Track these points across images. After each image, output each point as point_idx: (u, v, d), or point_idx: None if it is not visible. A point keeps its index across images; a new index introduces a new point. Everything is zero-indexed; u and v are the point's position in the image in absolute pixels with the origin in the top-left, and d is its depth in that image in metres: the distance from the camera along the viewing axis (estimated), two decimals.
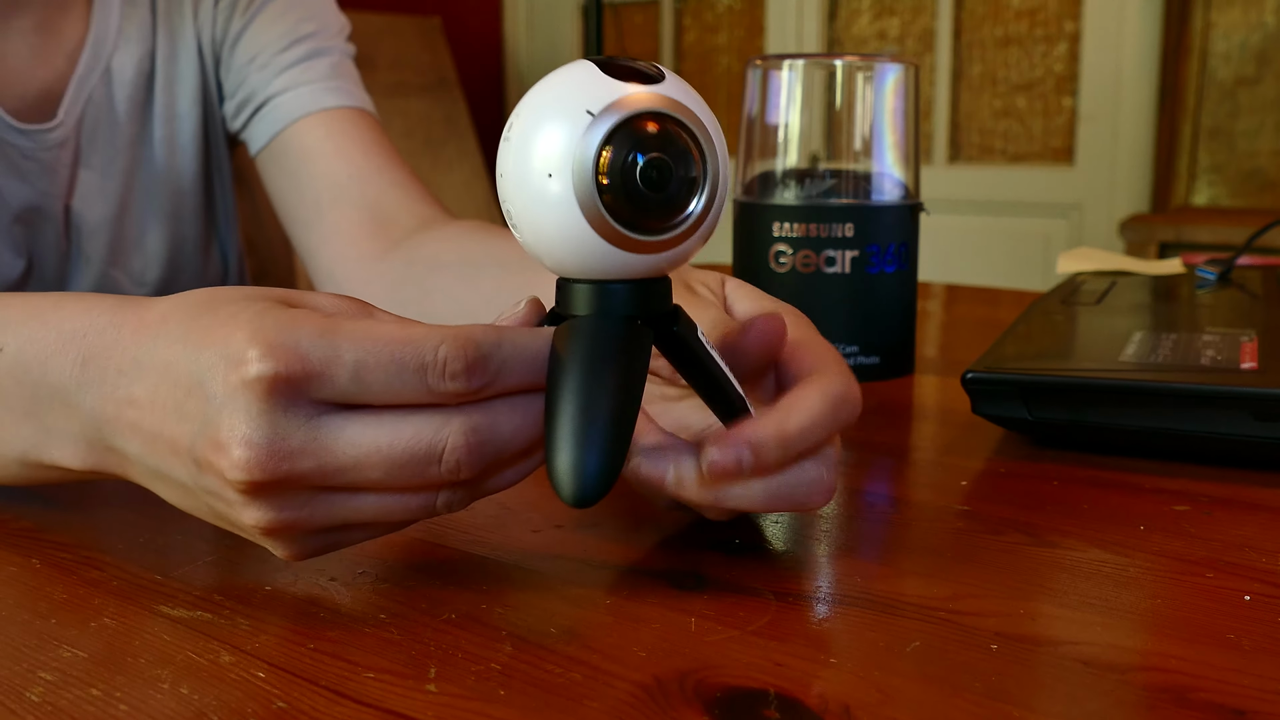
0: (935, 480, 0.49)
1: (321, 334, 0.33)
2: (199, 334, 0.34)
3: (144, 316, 0.37)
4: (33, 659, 0.33)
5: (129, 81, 0.75)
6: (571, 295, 0.35)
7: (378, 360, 0.32)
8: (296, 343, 0.32)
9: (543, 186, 0.33)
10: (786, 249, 0.67)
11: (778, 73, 0.69)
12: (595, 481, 0.32)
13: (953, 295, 1.08)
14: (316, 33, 0.78)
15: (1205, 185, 2.49)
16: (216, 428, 0.33)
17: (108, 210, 0.75)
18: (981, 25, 2.77)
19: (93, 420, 0.37)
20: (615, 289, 0.35)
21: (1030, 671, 0.32)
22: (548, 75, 0.35)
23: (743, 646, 0.33)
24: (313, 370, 0.32)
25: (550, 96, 0.34)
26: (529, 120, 0.34)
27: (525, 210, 0.34)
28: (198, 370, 0.34)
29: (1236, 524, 0.43)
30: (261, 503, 0.33)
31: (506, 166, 0.34)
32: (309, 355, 0.32)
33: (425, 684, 0.31)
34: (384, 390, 0.33)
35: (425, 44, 3.08)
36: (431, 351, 0.33)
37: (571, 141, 0.33)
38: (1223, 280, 0.79)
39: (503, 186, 0.34)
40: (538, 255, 0.35)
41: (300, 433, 0.33)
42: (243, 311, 0.34)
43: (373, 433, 0.33)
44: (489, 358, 0.33)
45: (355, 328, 0.33)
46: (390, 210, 0.73)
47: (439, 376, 0.33)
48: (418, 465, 0.33)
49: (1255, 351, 0.54)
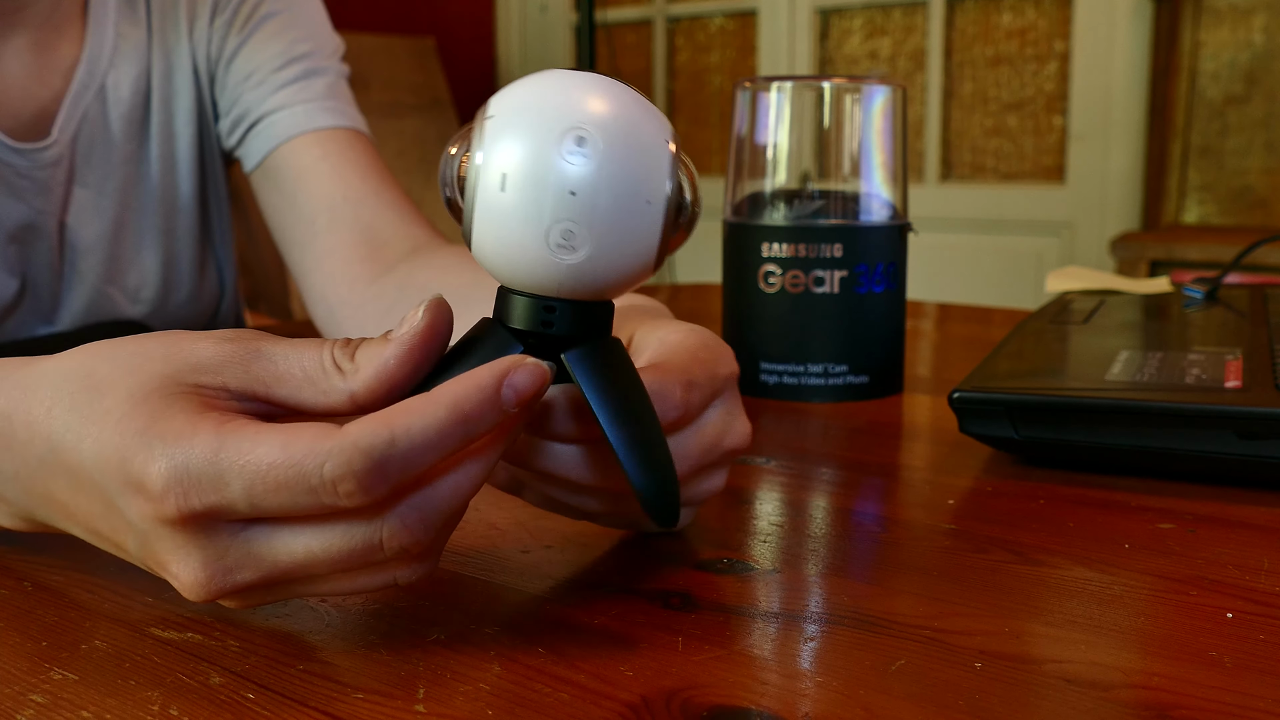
0: (923, 499, 0.50)
1: (207, 460, 0.31)
2: (94, 435, 0.33)
3: (32, 405, 0.35)
4: (24, 681, 0.33)
5: (124, 100, 0.75)
6: (568, 315, 0.35)
7: (265, 487, 0.30)
8: (185, 472, 0.31)
9: (638, 211, 0.34)
10: (775, 269, 0.67)
11: (766, 94, 0.70)
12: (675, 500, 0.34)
13: (944, 314, 1.08)
14: (312, 53, 0.79)
15: (1195, 204, 2.51)
16: (155, 552, 0.33)
17: (102, 228, 0.76)
18: (972, 45, 2.79)
19: (24, 506, 0.37)
20: (605, 308, 0.36)
21: (1014, 690, 0.32)
22: (570, 80, 0.34)
23: (729, 666, 0.34)
24: (210, 504, 0.31)
25: (625, 119, 0.34)
26: (618, 144, 0.33)
27: (606, 231, 0.33)
28: (106, 488, 0.33)
29: (1220, 542, 0.44)
30: (223, 600, 0.33)
31: (587, 188, 0.33)
32: (202, 488, 0.31)
33: (414, 704, 0.31)
34: (285, 511, 0.31)
35: (419, 64, 3.10)
36: (316, 473, 0.30)
37: (664, 170, 0.34)
38: (1210, 299, 0.80)
39: (574, 206, 0.33)
40: (595, 276, 0.34)
41: (232, 550, 0.32)
42: (133, 413, 0.32)
43: (303, 539, 0.32)
44: (383, 464, 0.30)
45: (237, 451, 0.31)
46: (383, 234, 0.73)
47: (333, 496, 0.30)
48: (360, 557, 0.32)
49: (1240, 370, 0.55)
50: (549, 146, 0.33)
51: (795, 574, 0.41)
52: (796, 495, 0.50)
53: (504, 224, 0.33)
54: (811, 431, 0.62)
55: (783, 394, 0.68)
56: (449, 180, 0.35)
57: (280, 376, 0.34)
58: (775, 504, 0.49)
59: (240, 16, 0.78)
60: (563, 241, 0.33)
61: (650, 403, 0.36)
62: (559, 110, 0.33)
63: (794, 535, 0.45)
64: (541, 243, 0.33)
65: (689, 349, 0.40)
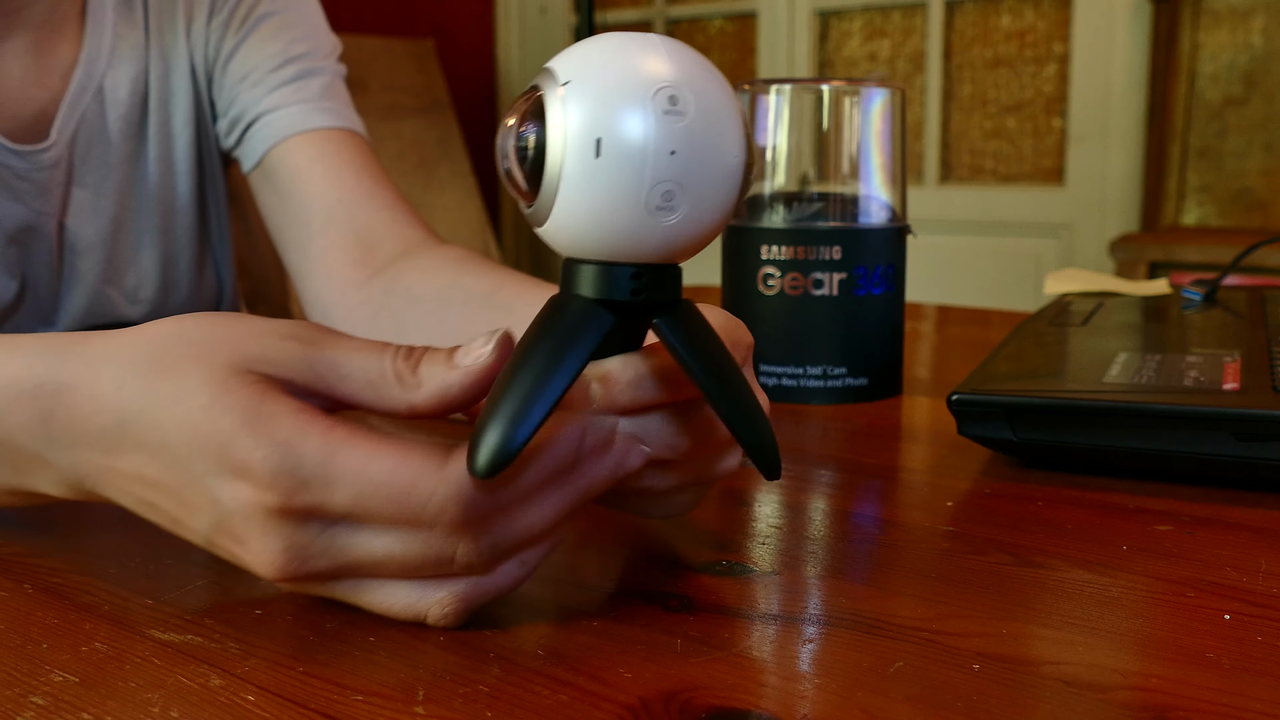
0: (921, 501, 0.50)
1: (320, 462, 0.32)
2: (179, 417, 0.34)
3: (97, 380, 0.36)
4: (24, 684, 0.33)
5: (122, 101, 0.75)
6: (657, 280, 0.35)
7: (374, 501, 0.33)
8: (299, 472, 0.32)
9: (727, 166, 0.33)
10: (774, 271, 0.67)
11: (765, 96, 0.70)
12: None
13: (944, 316, 1.09)
14: (309, 53, 0.79)
15: (1194, 205, 2.51)
16: (234, 530, 0.34)
17: (101, 229, 0.76)
18: (971, 47, 2.79)
19: (74, 474, 0.37)
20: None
21: (1012, 691, 0.32)
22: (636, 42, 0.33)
23: (728, 667, 0.34)
24: (315, 503, 0.33)
25: (704, 75, 0.33)
26: (707, 100, 0.33)
27: (701, 190, 0.33)
28: (196, 469, 0.34)
29: (1217, 544, 0.44)
30: (286, 582, 0.35)
31: (685, 146, 0.32)
32: (309, 486, 0.32)
33: (414, 706, 0.31)
34: (382, 524, 0.33)
35: (418, 66, 3.10)
36: (425, 501, 0.33)
37: (741, 124, 0.34)
38: (1208, 301, 0.80)
39: (674, 166, 0.32)
40: (688, 237, 0.34)
41: (318, 541, 0.34)
42: (221, 399, 0.33)
43: (385, 540, 0.34)
44: (485, 505, 0.33)
45: (353, 456, 0.33)
46: (376, 235, 0.73)
47: (433, 522, 0.33)
48: (433, 567, 0.34)
49: (1238, 372, 0.55)
50: (645, 107, 0.32)
51: (794, 576, 0.41)
52: (795, 497, 0.50)
53: (601, 190, 0.32)
54: (810, 433, 0.62)
55: (782, 396, 0.68)
56: (510, 153, 0.34)
57: (343, 378, 0.35)
58: (774, 506, 0.49)
59: (237, 17, 0.78)
60: (662, 203, 0.33)
61: (734, 360, 0.36)
62: (642, 70, 0.32)
63: (793, 537, 0.45)
64: (640, 206, 0.33)
65: (713, 320, 0.40)
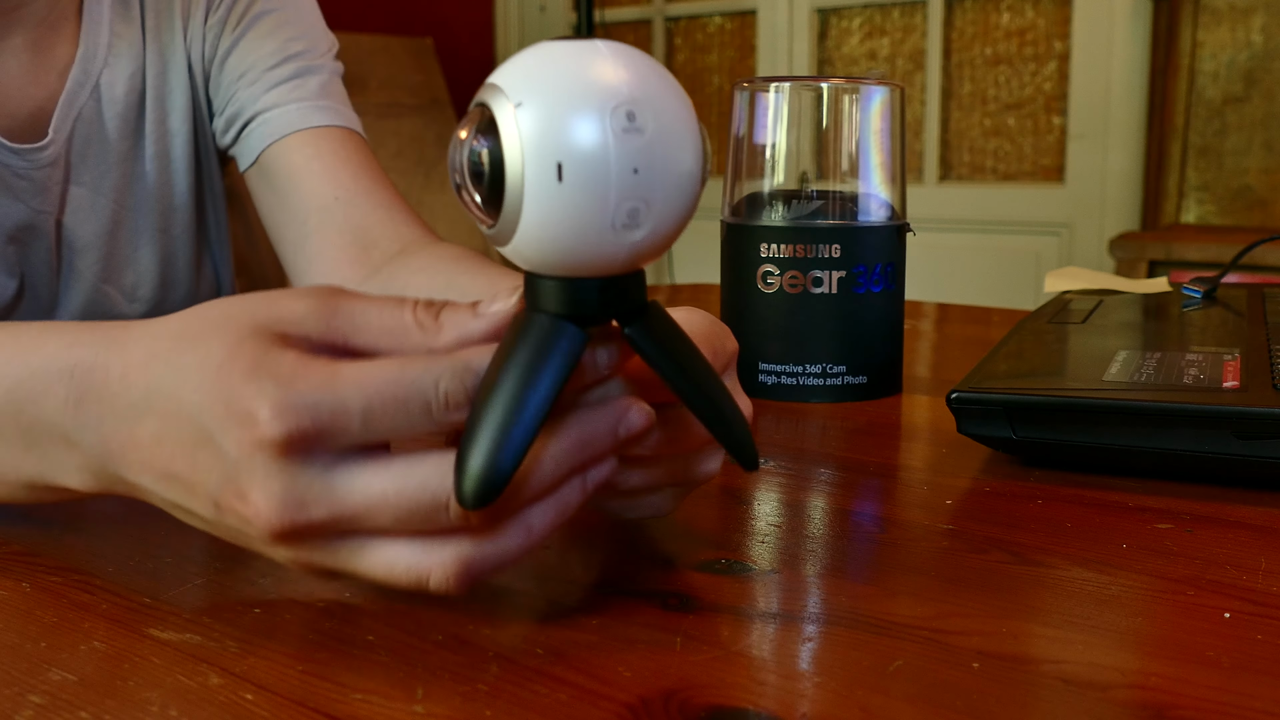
0: (921, 499, 0.50)
1: (327, 387, 0.33)
2: (193, 381, 0.34)
3: (129, 358, 0.36)
4: (22, 682, 0.33)
5: (119, 99, 0.75)
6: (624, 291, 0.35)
7: (384, 405, 0.33)
8: (303, 399, 0.32)
9: (687, 176, 0.33)
10: (774, 269, 0.67)
11: (765, 95, 0.70)
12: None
13: (943, 314, 1.09)
14: (306, 51, 0.79)
15: (1194, 203, 2.51)
16: (237, 483, 0.33)
17: (99, 227, 0.76)
18: (971, 45, 2.79)
19: (97, 456, 0.37)
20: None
21: (1011, 690, 0.32)
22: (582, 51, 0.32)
23: (728, 666, 0.34)
24: (324, 427, 0.32)
25: (658, 86, 0.33)
26: (664, 114, 0.32)
27: (664, 204, 0.33)
28: (206, 424, 0.34)
29: (1218, 542, 0.44)
30: (284, 546, 0.34)
31: (646, 164, 0.32)
32: (318, 412, 0.32)
33: (413, 705, 0.31)
34: (392, 430, 0.33)
35: (417, 64, 3.09)
36: (433, 386, 0.33)
37: (698, 131, 0.34)
38: (1208, 299, 0.80)
39: (638, 184, 0.32)
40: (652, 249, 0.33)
41: (316, 484, 0.33)
42: (232, 358, 0.34)
43: (381, 481, 0.33)
44: None
45: (358, 373, 0.33)
46: (373, 233, 0.73)
47: (443, 409, 0.33)
48: (428, 511, 0.33)
49: (1238, 370, 0.55)
50: (604, 127, 0.31)
51: (793, 574, 0.41)
52: (795, 496, 0.50)
53: (564, 213, 0.32)
54: (810, 432, 0.62)
55: (781, 394, 0.68)
56: (463, 169, 0.34)
57: (359, 328, 0.35)
58: (773, 504, 0.49)
59: (234, 15, 0.78)
60: (628, 221, 0.32)
61: (704, 359, 0.36)
62: (596, 87, 0.32)
63: (792, 536, 0.45)
64: (606, 226, 0.32)
65: (696, 327, 0.40)
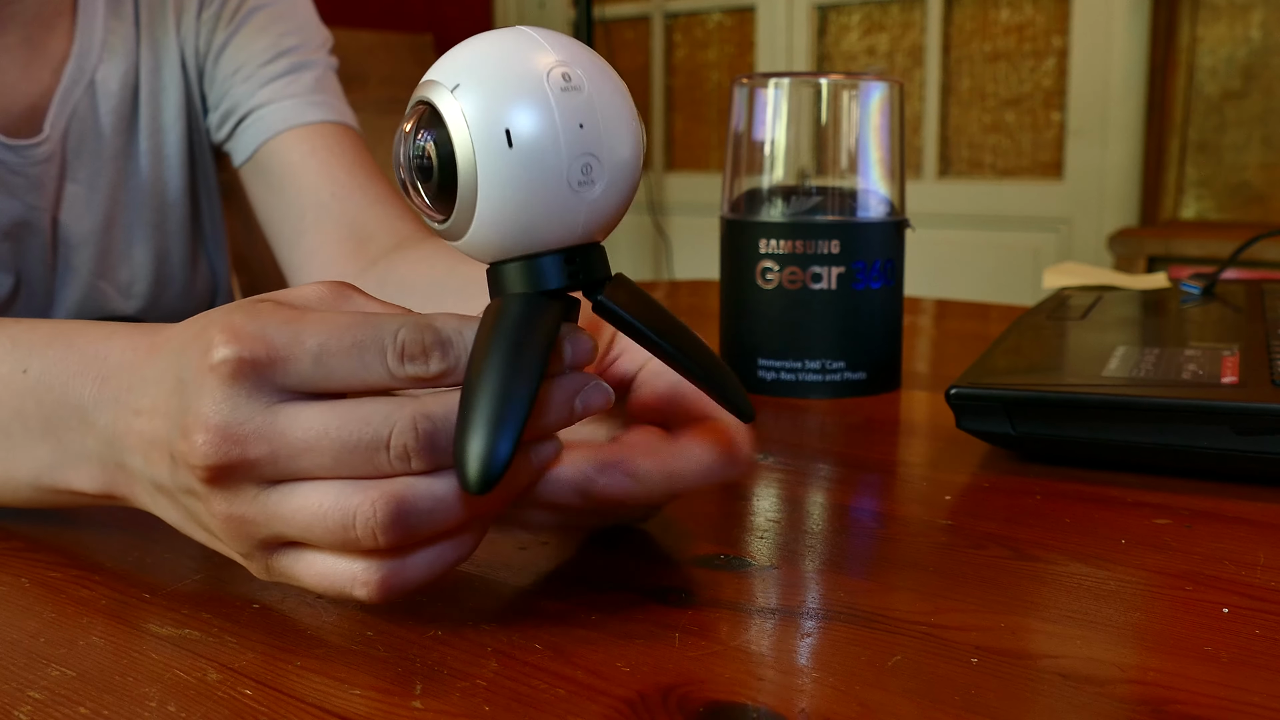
0: (920, 495, 0.50)
1: (287, 321, 0.33)
2: (186, 339, 0.35)
3: (154, 340, 0.38)
4: (21, 678, 0.33)
5: (113, 94, 0.75)
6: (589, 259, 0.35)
7: (339, 344, 0.33)
8: (261, 329, 0.33)
9: (631, 129, 0.34)
10: (773, 265, 0.67)
11: (764, 91, 0.70)
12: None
13: (942, 310, 1.09)
14: (300, 46, 0.79)
15: (1193, 199, 2.51)
16: (184, 414, 0.33)
17: (94, 223, 0.76)
18: (970, 41, 2.79)
19: (106, 436, 0.38)
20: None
21: (1009, 685, 0.32)
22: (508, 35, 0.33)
23: (726, 661, 0.34)
24: (276, 355, 0.33)
25: (582, 51, 0.34)
26: (595, 71, 0.33)
27: (614, 155, 0.33)
28: (179, 367, 0.35)
29: (1216, 537, 0.44)
30: (220, 493, 0.33)
31: (590, 116, 0.33)
32: (273, 340, 0.33)
33: (411, 700, 0.31)
34: (346, 374, 0.33)
35: (417, 60, 3.09)
36: (391, 334, 0.33)
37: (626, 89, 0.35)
38: (1207, 295, 0.80)
39: (586, 137, 0.33)
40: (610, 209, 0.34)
41: (258, 417, 0.33)
42: (223, 309, 0.35)
43: (324, 417, 0.33)
44: (449, 343, 0.33)
45: (320, 316, 0.34)
46: (369, 228, 0.73)
47: (397, 359, 0.33)
48: (366, 451, 0.32)
49: (1236, 366, 0.55)
50: (543, 88, 0.32)
51: (792, 570, 0.41)
52: (793, 491, 0.50)
53: (521, 179, 0.32)
54: (809, 428, 0.62)
55: (780, 390, 0.68)
56: (409, 160, 0.34)
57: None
58: (772, 500, 0.49)
59: (228, 10, 0.78)
60: (583, 177, 0.33)
61: (679, 320, 0.37)
62: (528, 58, 0.33)
63: (791, 531, 0.45)
64: (563, 185, 0.32)
65: None
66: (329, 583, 0.34)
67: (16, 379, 0.41)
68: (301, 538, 0.33)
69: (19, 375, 0.40)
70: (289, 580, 0.35)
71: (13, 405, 0.41)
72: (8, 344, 0.42)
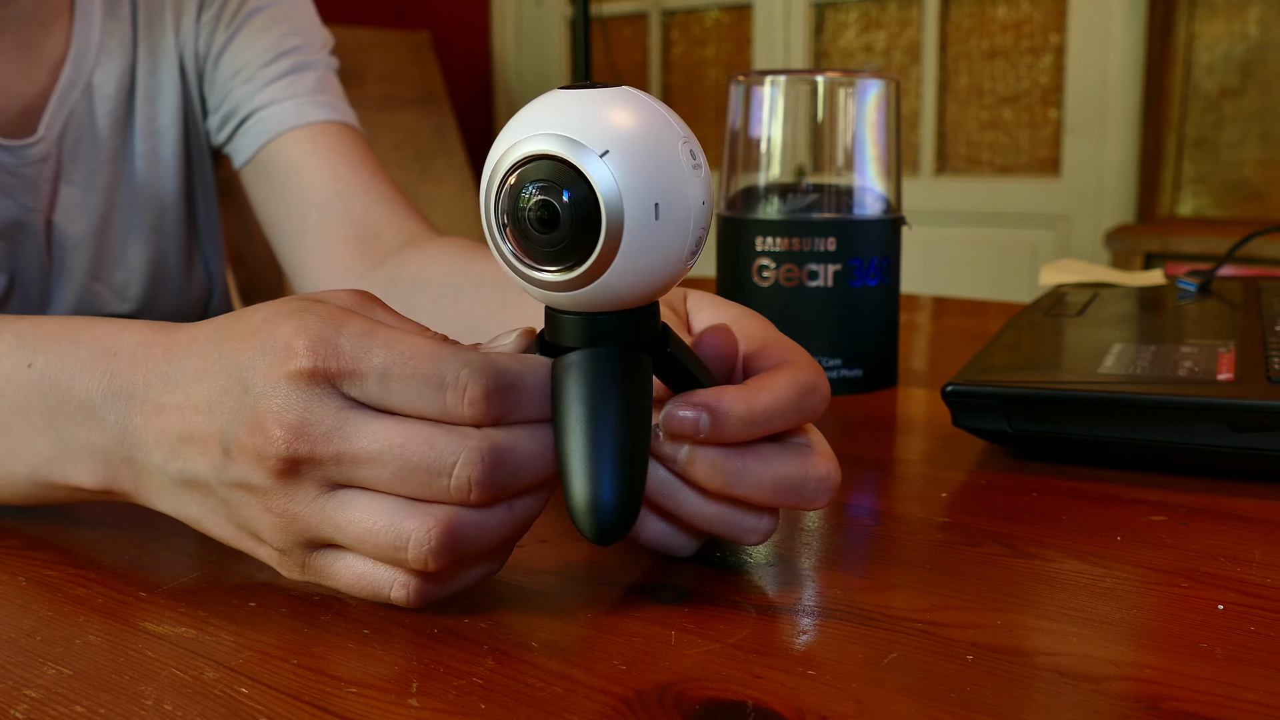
0: (917, 492, 0.50)
1: (361, 335, 0.34)
2: (235, 339, 0.36)
3: (174, 338, 0.38)
4: (18, 676, 0.33)
5: (110, 96, 0.75)
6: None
7: (403, 370, 0.33)
8: (336, 338, 0.34)
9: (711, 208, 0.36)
10: (769, 263, 0.67)
11: (760, 88, 0.70)
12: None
13: (940, 307, 1.09)
14: (301, 46, 0.79)
15: (1190, 196, 2.51)
16: (254, 413, 0.34)
17: (90, 225, 0.76)
18: (967, 38, 2.79)
19: (116, 431, 0.38)
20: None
21: (1006, 682, 0.32)
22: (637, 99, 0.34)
23: (722, 659, 0.34)
24: (345, 367, 0.34)
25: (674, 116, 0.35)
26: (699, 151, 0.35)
27: (709, 230, 0.36)
28: (237, 369, 0.35)
29: (1212, 534, 0.44)
30: (284, 488, 0.34)
31: (708, 195, 0.35)
32: (344, 352, 0.34)
33: (407, 698, 0.31)
34: (404, 401, 0.34)
35: (415, 58, 3.09)
36: (454, 373, 0.33)
37: None
38: (1203, 291, 0.80)
39: (705, 213, 0.35)
40: None
41: (330, 418, 0.34)
42: (278, 313, 0.35)
43: (389, 432, 0.33)
44: (510, 389, 0.34)
45: (390, 335, 0.34)
46: (375, 226, 0.73)
47: (457, 398, 0.33)
48: (427, 474, 0.33)
49: (1232, 363, 0.55)
50: (684, 166, 0.34)
51: (789, 567, 0.41)
52: None
53: (658, 250, 0.33)
54: None
55: None
56: (526, 209, 0.33)
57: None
58: None
59: (228, 11, 0.78)
60: (694, 249, 0.35)
61: None
62: (665, 129, 0.34)
63: (787, 528, 0.45)
64: (683, 256, 0.34)
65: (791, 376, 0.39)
66: (365, 584, 0.35)
67: (21, 374, 0.41)
68: (351, 546, 0.35)
69: (23, 370, 0.41)
70: (321, 579, 0.36)
71: (15, 400, 0.41)
72: (12, 340, 0.42)
